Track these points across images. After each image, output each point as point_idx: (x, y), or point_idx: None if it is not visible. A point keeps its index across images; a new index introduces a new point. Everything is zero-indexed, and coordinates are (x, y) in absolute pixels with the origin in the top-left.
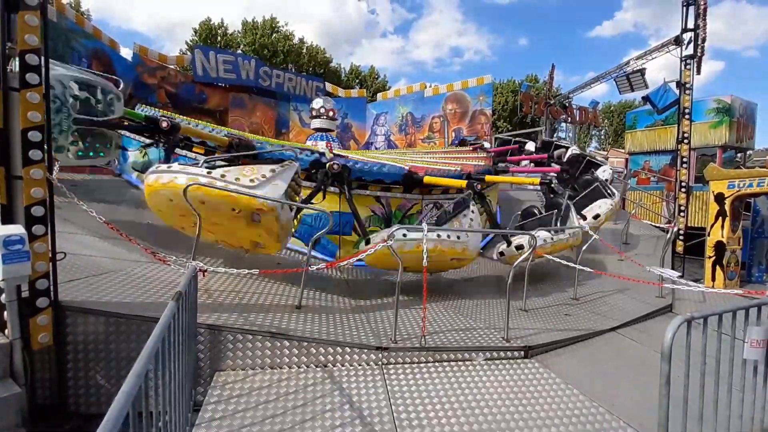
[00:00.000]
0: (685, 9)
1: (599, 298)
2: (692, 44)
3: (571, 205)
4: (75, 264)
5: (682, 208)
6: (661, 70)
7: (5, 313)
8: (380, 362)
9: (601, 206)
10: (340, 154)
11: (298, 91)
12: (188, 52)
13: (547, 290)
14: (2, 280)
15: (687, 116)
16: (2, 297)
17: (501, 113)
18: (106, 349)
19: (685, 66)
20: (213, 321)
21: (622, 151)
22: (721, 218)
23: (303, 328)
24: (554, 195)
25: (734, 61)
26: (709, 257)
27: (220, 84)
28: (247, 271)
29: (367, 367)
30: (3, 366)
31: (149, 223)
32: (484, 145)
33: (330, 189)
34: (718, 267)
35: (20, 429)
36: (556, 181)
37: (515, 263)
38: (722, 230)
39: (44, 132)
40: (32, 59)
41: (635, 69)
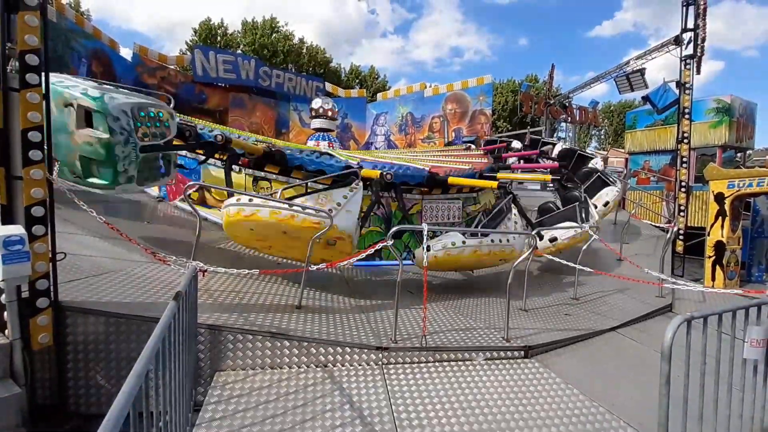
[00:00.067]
0: (684, 9)
1: (599, 298)
2: (692, 44)
3: (588, 198)
4: (75, 264)
5: (682, 208)
6: (661, 70)
7: (5, 313)
8: (380, 362)
9: (608, 193)
10: (385, 161)
11: (298, 91)
12: (188, 52)
13: (547, 290)
14: (2, 280)
15: (687, 116)
16: (2, 297)
17: (501, 113)
18: (106, 350)
19: (685, 66)
20: (213, 321)
21: (622, 150)
22: (720, 218)
23: (303, 328)
24: (566, 189)
25: (734, 61)
26: (709, 257)
27: (220, 84)
28: (247, 271)
29: (367, 367)
30: (3, 366)
31: (149, 223)
32: (471, 147)
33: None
34: (717, 267)
35: (20, 429)
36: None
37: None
38: (722, 230)
39: (44, 132)
40: (32, 59)
41: (635, 69)
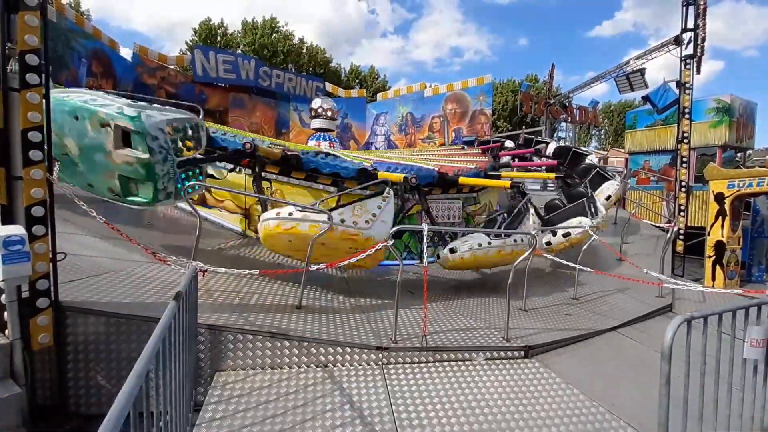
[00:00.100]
0: (684, 9)
1: (599, 298)
2: (692, 44)
3: (593, 193)
4: (75, 264)
5: (682, 208)
6: (661, 70)
7: (5, 313)
8: (380, 362)
9: (609, 188)
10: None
11: (298, 91)
12: (188, 52)
13: (547, 290)
14: (2, 280)
15: (687, 116)
16: (2, 297)
17: (501, 113)
18: (106, 350)
19: (685, 66)
20: (213, 321)
21: (622, 150)
22: (721, 218)
23: (303, 328)
24: (570, 186)
25: (734, 60)
26: (709, 257)
27: (220, 84)
28: (247, 271)
29: (367, 367)
30: (3, 366)
31: (149, 223)
32: (465, 147)
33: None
34: (718, 266)
35: (20, 429)
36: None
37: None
38: (722, 230)
39: (44, 132)
40: (32, 59)
41: (635, 69)
